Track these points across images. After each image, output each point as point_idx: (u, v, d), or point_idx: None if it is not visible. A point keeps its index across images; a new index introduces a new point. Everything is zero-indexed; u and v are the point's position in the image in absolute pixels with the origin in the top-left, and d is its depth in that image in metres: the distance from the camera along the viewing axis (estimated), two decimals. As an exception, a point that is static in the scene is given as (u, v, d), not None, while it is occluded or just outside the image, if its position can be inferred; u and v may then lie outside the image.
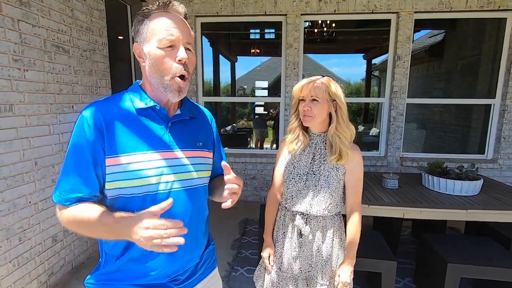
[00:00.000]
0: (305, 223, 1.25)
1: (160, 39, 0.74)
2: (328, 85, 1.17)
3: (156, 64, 0.75)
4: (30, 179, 1.91)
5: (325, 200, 1.21)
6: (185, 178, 0.81)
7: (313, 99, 1.16)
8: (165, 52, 0.74)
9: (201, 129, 0.92)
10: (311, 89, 1.17)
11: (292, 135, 1.28)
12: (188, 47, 0.77)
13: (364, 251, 1.83)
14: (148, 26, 0.75)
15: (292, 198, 1.26)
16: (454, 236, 2.29)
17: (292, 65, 3.59)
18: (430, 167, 2.31)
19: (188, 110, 0.88)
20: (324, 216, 1.24)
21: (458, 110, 4.61)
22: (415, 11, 3.33)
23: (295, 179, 1.24)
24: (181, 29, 0.75)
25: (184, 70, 0.76)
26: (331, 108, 1.18)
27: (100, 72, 2.62)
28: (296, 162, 1.26)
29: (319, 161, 1.23)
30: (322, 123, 1.23)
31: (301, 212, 1.25)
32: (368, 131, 6.46)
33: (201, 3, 3.53)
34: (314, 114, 1.17)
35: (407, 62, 3.44)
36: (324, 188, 1.20)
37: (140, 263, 0.79)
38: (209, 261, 0.97)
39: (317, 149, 1.25)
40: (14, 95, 1.78)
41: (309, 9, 3.44)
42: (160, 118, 0.81)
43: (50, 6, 2.03)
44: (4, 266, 1.74)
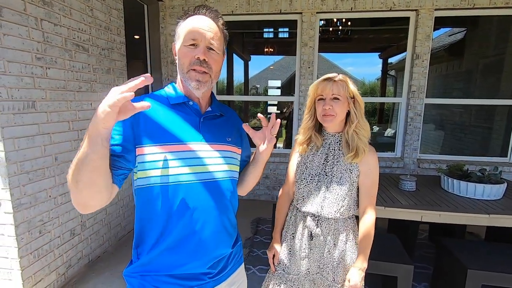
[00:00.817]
0: (316, 225, 1.21)
1: (186, 38, 0.82)
2: (347, 82, 1.13)
3: (180, 59, 0.84)
4: (50, 174, 1.97)
5: (337, 202, 1.18)
6: (211, 171, 0.85)
7: (334, 97, 1.12)
8: (187, 49, 0.82)
9: (229, 126, 0.97)
10: (332, 87, 1.12)
11: (304, 135, 1.25)
12: (211, 46, 0.82)
13: (379, 254, 1.79)
14: (181, 27, 0.84)
15: (303, 199, 1.24)
16: (474, 242, 2.21)
17: (307, 64, 3.56)
18: (450, 169, 2.24)
19: (218, 108, 0.95)
20: (336, 218, 1.20)
21: (480, 111, 4.44)
22: (435, 8, 3.23)
23: (306, 180, 1.22)
24: (205, 30, 0.82)
25: (201, 66, 0.81)
26: (351, 106, 1.14)
27: (118, 70, 2.68)
28: (309, 163, 1.24)
29: (332, 162, 1.20)
30: (341, 122, 1.19)
31: (312, 213, 1.22)
32: (383, 132, 6.32)
33: (216, 2, 3.54)
34: (336, 113, 1.13)
35: (426, 61, 3.34)
36: (336, 190, 1.17)
37: (175, 253, 0.82)
38: (238, 256, 1.01)
39: (330, 150, 1.22)
40: (36, 92, 1.84)
41: (325, 7, 3.39)
42: (193, 113, 0.88)
43: (71, 5, 2.09)
44: (25, 258, 1.80)
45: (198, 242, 0.83)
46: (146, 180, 0.79)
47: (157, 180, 0.78)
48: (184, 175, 0.80)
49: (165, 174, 0.78)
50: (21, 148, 1.74)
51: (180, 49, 0.83)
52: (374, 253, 1.80)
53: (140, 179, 0.80)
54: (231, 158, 0.92)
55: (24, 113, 1.76)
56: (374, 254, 1.79)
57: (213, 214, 0.85)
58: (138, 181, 0.80)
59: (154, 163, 0.78)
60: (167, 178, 0.79)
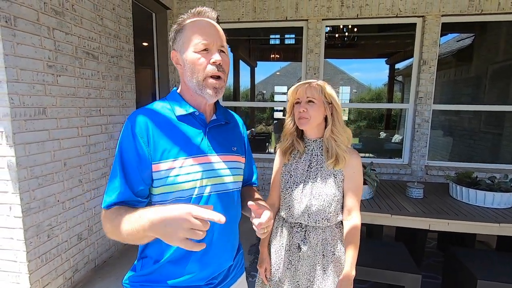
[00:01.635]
0: (304, 235, 1.19)
1: (195, 44, 0.78)
2: (323, 87, 1.15)
3: (192, 66, 0.79)
4: (59, 179, 2.00)
5: (323, 209, 1.16)
6: (222, 182, 0.84)
7: (309, 100, 1.14)
8: (200, 55, 0.78)
9: (234, 134, 0.95)
10: (307, 90, 1.14)
11: (285, 142, 1.24)
12: (221, 49, 0.81)
13: (386, 262, 1.77)
14: (184, 34, 0.80)
15: (289, 208, 1.21)
16: (485, 251, 2.16)
17: (312, 70, 3.56)
18: (459, 176, 2.20)
19: (223, 115, 0.92)
20: (324, 227, 1.18)
21: (489, 117, 4.37)
22: (442, 14, 3.21)
23: (291, 188, 1.20)
24: (214, 33, 0.80)
25: (218, 71, 0.79)
26: (327, 111, 1.15)
27: (126, 77, 2.73)
28: (293, 171, 1.22)
29: (316, 168, 1.19)
30: (318, 127, 1.19)
31: (299, 223, 1.20)
32: (390, 138, 6.26)
33: (223, 9, 3.60)
34: (310, 116, 1.13)
35: (433, 67, 3.31)
36: (322, 196, 1.15)
37: (178, 265, 0.81)
38: (239, 265, 0.99)
39: (313, 156, 1.21)
40: (47, 99, 1.88)
41: (331, 14, 3.41)
42: (199, 123, 0.85)
43: (82, 15, 2.15)
44: (33, 262, 1.83)
45: (203, 255, 0.81)
46: (159, 197, 0.79)
47: (169, 196, 0.78)
48: (196, 189, 0.79)
49: (173, 190, 0.78)
50: (32, 154, 1.78)
51: (189, 55, 0.79)
52: (381, 261, 1.78)
53: (154, 195, 0.80)
54: (237, 168, 0.91)
55: (35, 119, 1.81)
56: (380, 263, 1.77)
57: (222, 226, 0.82)
58: (153, 197, 0.80)
59: (163, 180, 0.77)
60: (177, 193, 0.78)
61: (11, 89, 1.65)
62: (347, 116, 8.83)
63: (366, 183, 2.08)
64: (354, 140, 6.80)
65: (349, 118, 8.35)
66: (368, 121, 7.81)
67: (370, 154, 5.66)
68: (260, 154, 4.15)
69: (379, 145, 6.31)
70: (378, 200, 2.13)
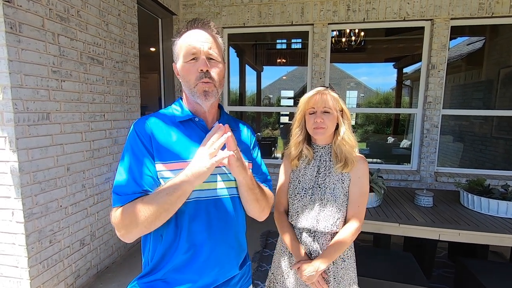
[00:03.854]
0: (313, 240, 1.19)
1: (185, 54, 0.83)
2: (337, 95, 1.17)
3: (183, 75, 0.85)
4: (62, 184, 2.00)
5: (332, 214, 1.16)
6: (221, 187, 0.85)
7: (325, 110, 1.14)
8: (189, 64, 0.83)
9: (239, 141, 0.93)
10: (323, 100, 1.14)
11: (295, 150, 1.24)
12: (210, 57, 0.83)
13: (393, 273, 1.70)
14: (178, 45, 0.86)
15: (297, 215, 1.21)
16: (498, 263, 2.06)
17: (318, 74, 3.53)
18: (470, 184, 2.12)
19: (226, 122, 0.90)
20: (333, 233, 1.18)
21: (502, 122, 4.24)
22: (451, 17, 3.15)
23: (300, 194, 1.21)
24: (203, 41, 0.83)
25: (205, 78, 0.82)
26: (339, 118, 1.17)
27: (131, 82, 2.74)
28: (301, 177, 1.23)
29: (324, 174, 1.20)
30: (331, 134, 1.21)
31: (308, 228, 1.19)
32: (399, 143, 6.15)
33: (229, 14, 3.60)
34: (327, 126, 1.15)
35: (443, 71, 3.23)
36: (331, 201, 1.16)
37: (182, 272, 0.82)
38: (245, 277, 0.98)
39: (322, 162, 1.21)
40: (51, 104, 1.89)
41: (337, 18, 3.38)
42: (199, 129, 0.87)
43: (87, 20, 2.16)
44: (35, 267, 1.82)
45: (204, 262, 0.82)
46: None
47: None
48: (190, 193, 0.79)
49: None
50: (35, 159, 1.79)
51: (182, 66, 0.84)
52: (389, 273, 1.71)
53: None
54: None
55: (39, 124, 1.81)
56: (388, 274, 1.70)
57: (220, 232, 0.84)
58: None
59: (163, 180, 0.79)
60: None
61: (15, 94, 1.65)
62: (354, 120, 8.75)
63: (373, 191, 2.02)
64: (361, 145, 6.71)
65: (356, 123, 8.26)
66: (375, 125, 7.70)
67: (378, 160, 5.56)
68: (266, 159, 4.11)
69: (386, 150, 6.19)
70: (385, 208, 2.06)
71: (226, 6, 3.59)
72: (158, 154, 0.80)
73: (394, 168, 3.65)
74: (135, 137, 0.81)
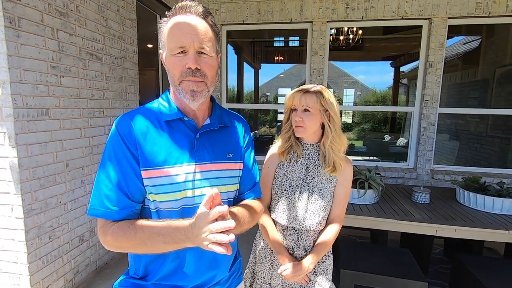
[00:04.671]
0: (296, 238, 1.19)
1: (171, 46, 0.71)
2: (320, 94, 1.12)
3: (169, 70, 0.74)
4: (61, 180, 1.99)
5: (318, 213, 1.16)
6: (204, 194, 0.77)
7: (305, 109, 1.13)
8: (176, 59, 0.71)
9: (231, 139, 0.87)
10: (302, 98, 1.13)
11: (285, 144, 1.22)
12: (201, 50, 0.71)
13: (391, 269, 1.72)
14: (164, 33, 0.73)
15: (283, 212, 1.19)
16: (493, 259, 2.10)
17: (316, 72, 3.54)
18: (466, 182, 2.16)
19: (218, 119, 0.84)
20: (316, 230, 1.19)
21: (497, 120, 4.30)
22: (449, 16, 3.17)
23: (287, 191, 1.18)
24: (193, 33, 0.70)
25: (193, 77, 0.71)
26: (324, 119, 1.13)
27: (130, 78, 2.72)
28: (289, 173, 1.20)
29: (313, 173, 1.18)
30: (314, 134, 1.19)
31: (293, 227, 1.19)
32: (395, 141, 6.20)
33: (228, 11, 3.59)
34: (306, 125, 1.13)
35: (440, 69, 3.26)
36: (318, 200, 1.16)
37: (171, 280, 0.79)
38: (235, 274, 0.96)
39: (310, 160, 1.20)
40: (50, 100, 1.88)
41: (336, 16, 3.39)
42: (189, 129, 0.78)
43: (86, 16, 2.15)
44: (34, 263, 1.82)
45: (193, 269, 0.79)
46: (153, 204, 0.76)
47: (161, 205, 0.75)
48: (172, 202, 0.74)
49: (160, 200, 0.74)
50: (34, 155, 1.78)
51: (167, 58, 0.73)
52: (386, 268, 1.74)
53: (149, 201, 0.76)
54: (228, 177, 0.83)
55: (38, 120, 1.80)
56: (385, 269, 1.72)
57: None
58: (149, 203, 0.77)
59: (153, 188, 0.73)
60: (168, 203, 0.74)
61: (14, 90, 1.64)
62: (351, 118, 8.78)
63: (371, 187, 2.05)
64: (358, 143, 6.75)
65: (353, 121, 8.30)
66: (372, 123, 7.75)
67: (375, 157, 5.60)
68: (264, 157, 4.12)
69: (383, 148, 6.24)
70: (383, 204, 2.09)
71: (225, 3, 3.58)
72: (145, 159, 0.72)
73: (391, 165, 3.68)
74: (119, 140, 0.71)
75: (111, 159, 0.72)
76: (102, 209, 0.71)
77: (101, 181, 0.72)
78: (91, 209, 0.72)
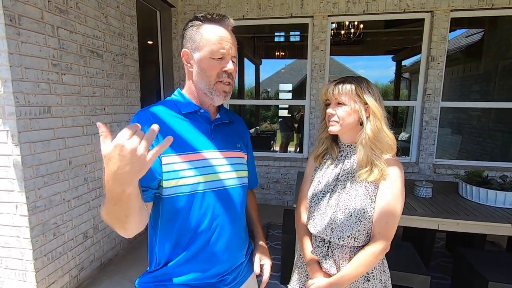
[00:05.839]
0: (327, 251, 1.03)
1: (213, 50, 0.80)
2: (357, 85, 0.98)
3: (205, 71, 0.82)
4: (64, 177, 2.01)
5: (349, 225, 0.97)
6: (228, 177, 0.86)
7: (339, 102, 1.00)
8: (215, 62, 0.81)
9: (238, 133, 0.99)
10: (336, 89, 0.99)
11: (321, 147, 1.12)
12: (233, 60, 0.85)
13: (394, 263, 1.73)
14: (202, 35, 0.81)
15: (313, 219, 1.08)
16: (495, 252, 2.11)
17: (318, 67, 3.52)
18: (468, 175, 2.15)
19: (226, 115, 0.96)
20: (351, 246, 0.99)
21: (500, 114, 4.28)
22: (451, 9, 3.14)
23: (317, 197, 1.07)
24: (231, 43, 0.83)
25: (228, 78, 0.84)
26: (362, 113, 0.98)
27: (131, 75, 2.72)
28: (322, 177, 1.09)
29: (346, 177, 1.02)
30: (352, 131, 1.03)
31: (322, 237, 1.05)
32: (397, 136, 6.18)
33: (228, 7, 3.57)
34: (340, 120, 1.00)
35: (442, 63, 3.24)
36: (349, 209, 0.97)
37: (191, 263, 0.82)
38: (250, 263, 1.00)
39: (346, 163, 1.04)
40: (52, 97, 1.88)
41: (337, 10, 3.36)
42: (204, 121, 0.88)
43: (86, 13, 2.14)
44: (40, 260, 1.84)
45: (214, 251, 0.83)
46: (167, 191, 0.78)
47: (176, 190, 0.78)
48: (200, 184, 0.80)
49: (179, 184, 0.78)
50: (37, 152, 1.79)
51: (204, 60, 0.81)
52: (388, 262, 1.75)
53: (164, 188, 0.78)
54: (241, 164, 0.93)
55: (40, 118, 1.81)
56: (388, 263, 1.73)
57: (228, 222, 0.85)
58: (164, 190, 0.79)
59: (172, 173, 0.77)
60: (182, 188, 0.78)
61: (16, 88, 1.65)
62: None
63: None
64: (360, 138, 6.71)
65: (355, 116, 8.27)
66: (374, 118, 7.71)
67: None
68: (265, 153, 4.13)
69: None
70: (385, 199, 2.09)
71: (225, -2, 3.56)
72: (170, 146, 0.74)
73: (393, 160, 3.68)
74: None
75: None
76: None
77: None
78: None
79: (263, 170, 3.72)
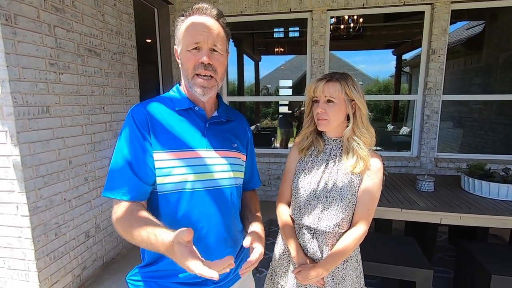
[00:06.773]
0: (312, 238, 1.10)
1: (187, 42, 0.79)
2: (345, 83, 1.02)
3: (183, 64, 0.82)
4: (65, 177, 2.00)
5: (336, 214, 1.05)
6: (217, 178, 0.84)
7: (328, 99, 1.02)
8: (190, 54, 0.79)
9: (236, 132, 0.95)
10: (325, 87, 1.02)
11: (306, 141, 1.15)
12: (214, 48, 0.80)
13: (396, 257, 1.73)
14: (180, 29, 0.82)
15: (299, 209, 1.12)
16: (498, 245, 2.10)
17: (317, 62, 3.50)
18: (471, 169, 2.14)
19: (224, 113, 0.93)
20: (335, 233, 1.08)
21: (502, 106, 4.25)
22: (452, 0, 3.10)
23: (304, 188, 1.10)
24: (208, 32, 0.79)
25: (206, 70, 0.79)
26: (349, 110, 1.03)
27: (129, 74, 2.71)
28: (308, 169, 1.12)
29: (332, 169, 1.08)
30: (338, 127, 1.08)
31: (308, 226, 1.10)
32: (398, 130, 6.16)
33: (226, 3, 3.54)
34: (329, 117, 1.03)
35: (443, 56, 3.21)
36: (336, 200, 1.05)
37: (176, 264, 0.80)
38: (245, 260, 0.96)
39: (331, 156, 1.10)
40: (50, 97, 1.87)
41: (336, 4, 3.33)
42: (199, 119, 0.86)
43: (83, 11, 2.12)
44: (42, 260, 1.84)
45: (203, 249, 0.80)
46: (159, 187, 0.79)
47: (166, 187, 0.78)
48: (189, 183, 0.79)
49: (170, 181, 0.78)
50: (36, 153, 1.78)
51: (182, 53, 0.81)
52: (391, 256, 1.74)
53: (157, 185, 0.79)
54: (236, 164, 0.90)
55: (39, 118, 1.80)
56: (391, 258, 1.73)
57: (217, 221, 0.84)
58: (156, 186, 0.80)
59: (161, 170, 0.77)
60: (173, 185, 0.78)
61: (13, 88, 1.64)
62: (353, 109, 8.70)
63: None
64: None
65: (356, 111, 8.23)
66: (375, 113, 7.69)
67: (378, 147, 5.58)
68: (266, 149, 4.12)
69: (386, 137, 6.22)
70: (387, 194, 2.08)
71: (223, -6, 3.53)
72: (160, 142, 0.77)
73: (395, 154, 3.67)
74: (132, 124, 0.77)
75: (126, 141, 0.77)
76: (113, 189, 0.75)
77: (113, 163, 0.77)
78: (104, 191, 0.77)
79: (264, 166, 3.71)
